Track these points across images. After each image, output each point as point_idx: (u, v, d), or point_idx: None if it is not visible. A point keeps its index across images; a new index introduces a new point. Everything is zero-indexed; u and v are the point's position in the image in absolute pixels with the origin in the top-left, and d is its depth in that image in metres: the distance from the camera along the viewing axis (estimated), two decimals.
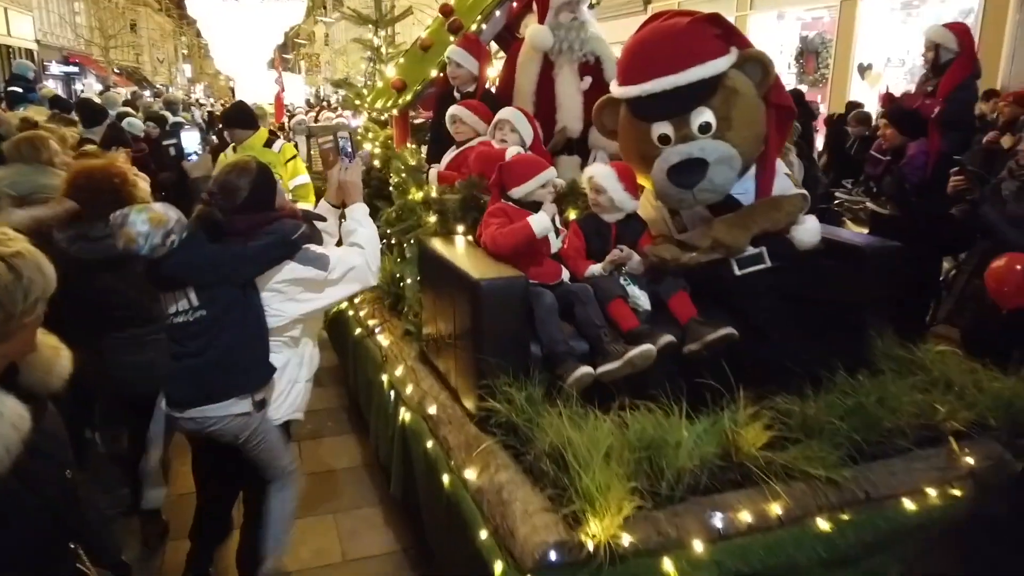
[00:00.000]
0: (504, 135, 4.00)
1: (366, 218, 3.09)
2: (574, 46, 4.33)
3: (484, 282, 2.91)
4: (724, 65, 3.23)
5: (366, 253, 2.94)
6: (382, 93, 5.34)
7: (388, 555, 3.66)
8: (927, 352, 3.36)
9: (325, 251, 2.85)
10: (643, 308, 3.28)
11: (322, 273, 2.80)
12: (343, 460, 4.57)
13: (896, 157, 5.43)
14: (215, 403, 2.75)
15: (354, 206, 3.10)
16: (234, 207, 2.76)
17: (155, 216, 2.66)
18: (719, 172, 3.20)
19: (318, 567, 3.56)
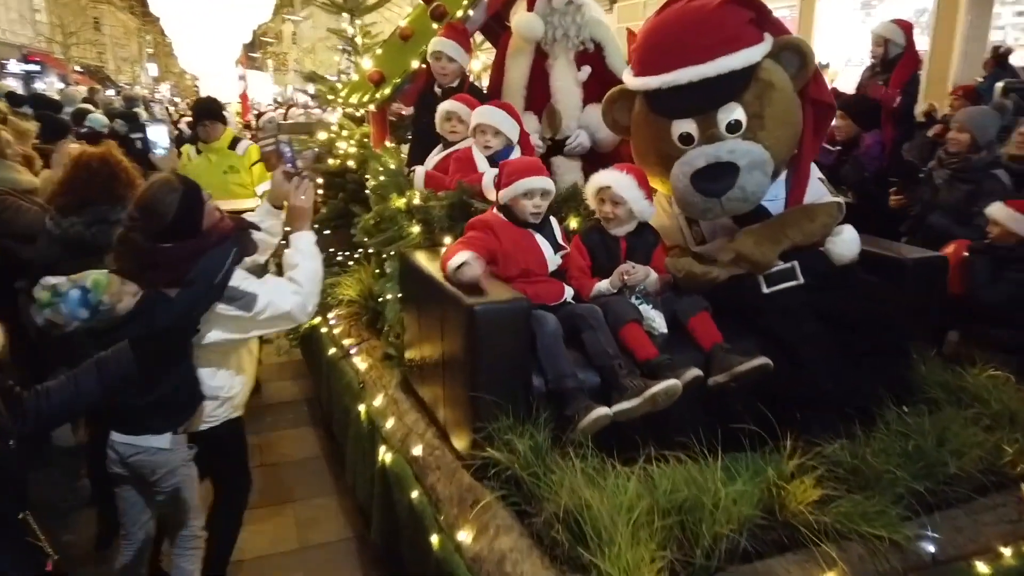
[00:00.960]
0: (487, 140, 3.55)
1: (311, 248, 2.79)
2: (569, 32, 3.88)
3: (479, 307, 2.48)
4: (758, 55, 2.83)
5: (303, 292, 2.69)
6: (358, 87, 4.86)
7: (343, 542, 3.71)
8: (976, 377, 2.97)
9: (255, 288, 2.60)
10: (659, 332, 2.86)
11: (246, 314, 2.58)
12: (301, 451, 4.63)
13: (847, 148, 5.53)
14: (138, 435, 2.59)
15: (299, 235, 2.81)
16: (157, 232, 2.48)
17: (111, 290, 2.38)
18: (751, 179, 2.79)
19: (275, 554, 3.60)
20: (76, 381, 2.06)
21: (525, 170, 2.98)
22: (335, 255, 4.93)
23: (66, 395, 2.03)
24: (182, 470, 2.67)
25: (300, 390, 5.50)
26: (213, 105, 5.56)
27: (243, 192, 5.24)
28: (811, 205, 3.04)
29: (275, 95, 29.72)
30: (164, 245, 2.48)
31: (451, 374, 2.75)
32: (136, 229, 2.49)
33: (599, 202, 3.01)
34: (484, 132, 3.56)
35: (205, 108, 5.43)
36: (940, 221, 4.50)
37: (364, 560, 3.53)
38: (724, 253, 2.98)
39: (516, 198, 2.98)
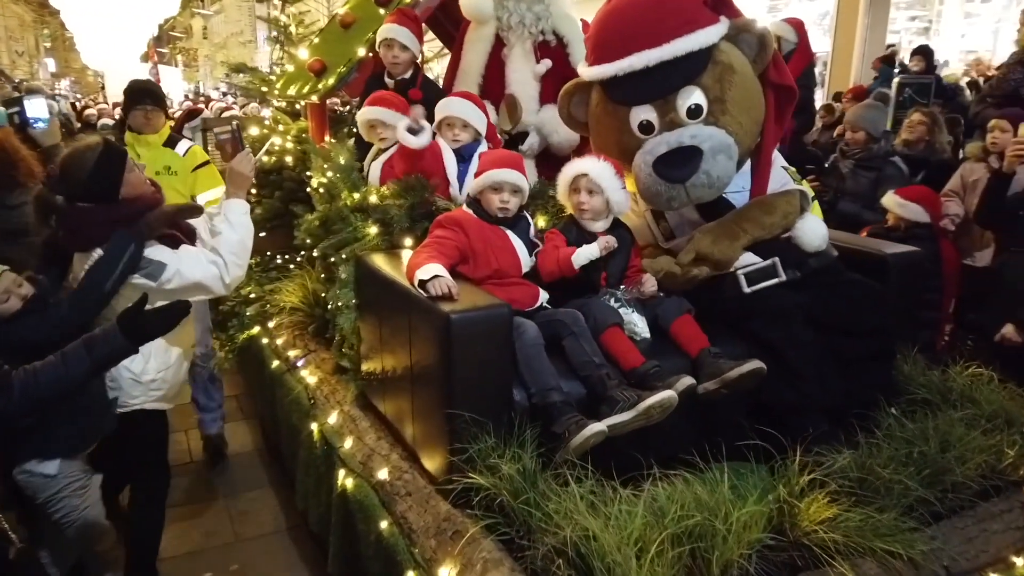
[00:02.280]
0: (456, 134, 3.30)
1: (239, 218, 2.75)
2: (525, 20, 3.65)
3: (456, 315, 2.23)
4: (715, 36, 2.70)
5: (220, 262, 2.66)
6: (295, 78, 4.52)
7: (277, 534, 3.69)
8: (960, 376, 2.90)
9: (165, 257, 2.56)
10: (641, 336, 2.67)
11: (151, 283, 2.52)
12: (235, 445, 4.55)
13: None
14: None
15: (231, 201, 2.77)
16: (73, 190, 2.51)
17: None
18: (716, 163, 2.66)
19: (210, 548, 3.55)
20: (65, 360, 2.10)
21: (497, 162, 2.78)
22: (273, 259, 4.59)
23: (56, 373, 2.08)
24: (69, 500, 2.53)
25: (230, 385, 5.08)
26: (154, 88, 4.36)
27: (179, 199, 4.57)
28: (769, 196, 2.92)
29: (186, 91, 28.43)
30: (81, 205, 2.49)
31: (422, 389, 2.50)
32: (53, 188, 2.51)
33: (573, 192, 2.80)
34: (452, 126, 3.30)
35: (143, 90, 4.11)
36: (849, 207, 4.67)
37: (302, 552, 3.50)
38: (684, 253, 2.83)
39: (484, 191, 2.75)
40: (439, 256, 2.56)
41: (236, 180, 2.78)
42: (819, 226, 2.84)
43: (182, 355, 2.89)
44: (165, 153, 4.08)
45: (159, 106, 4.11)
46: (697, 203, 2.78)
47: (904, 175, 4.69)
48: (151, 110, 4.03)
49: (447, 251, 2.63)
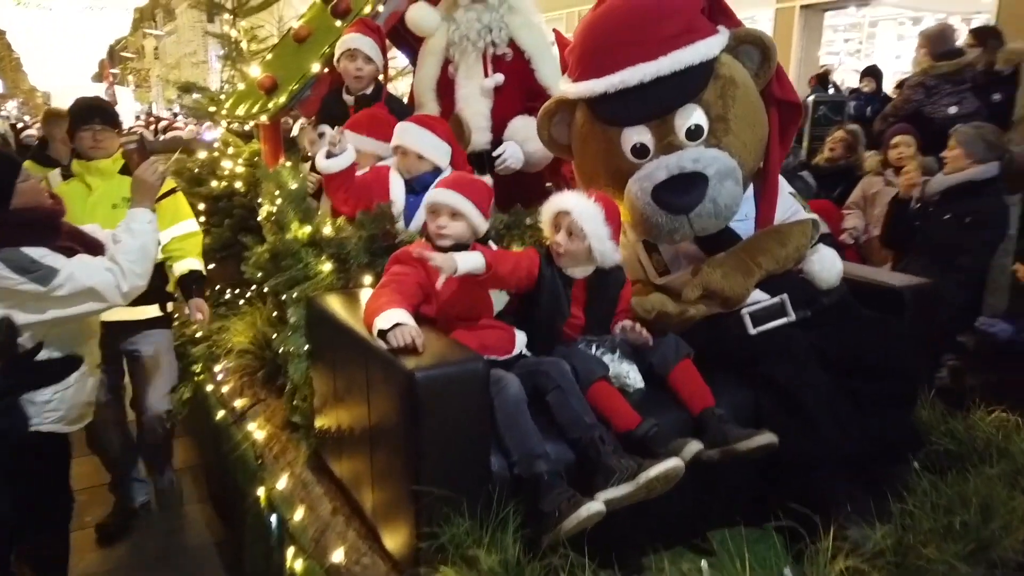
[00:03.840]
0: (409, 164, 2.96)
1: (142, 226, 2.64)
2: (470, 34, 3.31)
3: (421, 373, 1.87)
4: (716, 48, 2.42)
5: (117, 270, 2.54)
6: (246, 96, 4.17)
7: (204, 547, 3.60)
8: (983, 421, 2.61)
9: (58, 263, 2.42)
10: (634, 387, 2.33)
11: (41, 288, 2.37)
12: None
13: None
14: None
15: (136, 210, 2.67)
16: None
17: None
18: (723, 190, 2.36)
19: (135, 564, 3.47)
20: None
21: (442, 183, 2.46)
22: (221, 292, 4.20)
23: None
24: None
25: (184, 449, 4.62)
26: (103, 104, 3.60)
27: None
28: (782, 226, 2.63)
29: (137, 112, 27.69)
30: None
31: (383, 454, 2.13)
32: None
33: (553, 228, 2.45)
34: (405, 154, 2.95)
35: (91, 107, 3.43)
36: None
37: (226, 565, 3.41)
38: (690, 289, 2.51)
39: (427, 216, 2.44)
40: (400, 298, 2.20)
41: (140, 189, 2.69)
42: (835, 260, 2.55)
43: (84, 374, 2.70)
44: (123, 183, 3.23)
45: (110, 125, 3.39)
46: (701, 234, 2.47)
47: (812, 189, 4.79)
48: (100, 130, 3.32)
49: (407, 290, 2.28)
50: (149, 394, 3.57)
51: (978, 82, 4.69)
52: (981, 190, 3.72)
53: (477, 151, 3.38)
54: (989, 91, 4.55)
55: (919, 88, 5.00)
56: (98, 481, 3.96)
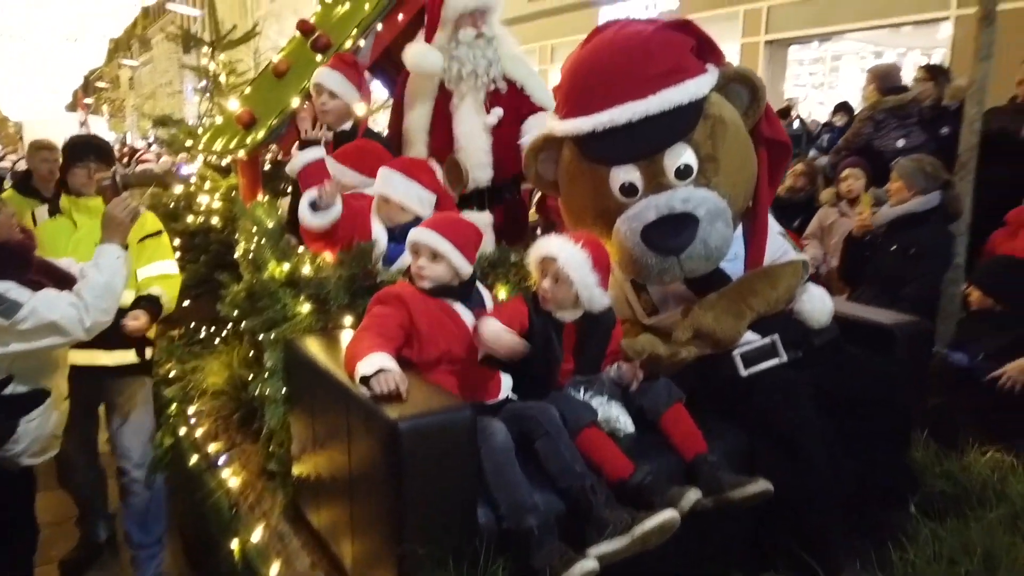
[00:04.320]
0: (390, 213, 2.86)
1: (110, 262, 2.62)
2: (479, 69, 3.30)
3: (405, 423, 1.79)
4: (706, 87, 2.40)
5: (81, 305, 2.52)
6: (223, 131, 4.09)
7: None
8: (977, 462, 2.57)
9: (22, 297, 2.41)
10: (624, 432, 2.26)
11: (4, 322, 2.38)
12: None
13: None
14: None
15: (103, 246, 2.65)
16: None
17: None
18: (714, 231, 2.33)
19: None
20: None
21: (426, 223, 2.39)
22: (196, 331, 4.08)
23: None
24: None
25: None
26: (100, 142, 3.64)
27: None
28: (773, 268, 2.60)
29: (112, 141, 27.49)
30: None
31: (364, 507, 2.04)
32: None
33: (539, 274, 2.38)
34: (387, 202, 2.85)
35: (87, 144, 3.47)
36: None
37: None
38: (681, 330, 2.46)
39: (410, 256, 2.37)
40: (382, 341, 2.12)
41: (110, 225, 2.67)
42: (826, 298, 2.51)
43: (49, 407, 2.69)
44: None
45: (105, 163, 3.35)
46: (690, 276, 2.42)
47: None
48: (95, 168, 3.26)
49: (389, 332, 2.20)
50: (124, 446, 3.43)
51: (924, 116, 4.81)
52: (923, 221, 3.79)
53: (479, 188, 3.33)
54: (937, 125, 4.65)
55: (868, 122, 5.12)
56: (67, 515, 3.82)
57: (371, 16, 3.53)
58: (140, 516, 3.51)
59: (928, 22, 8.70)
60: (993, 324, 3.29)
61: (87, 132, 7.94)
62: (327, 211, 2.72)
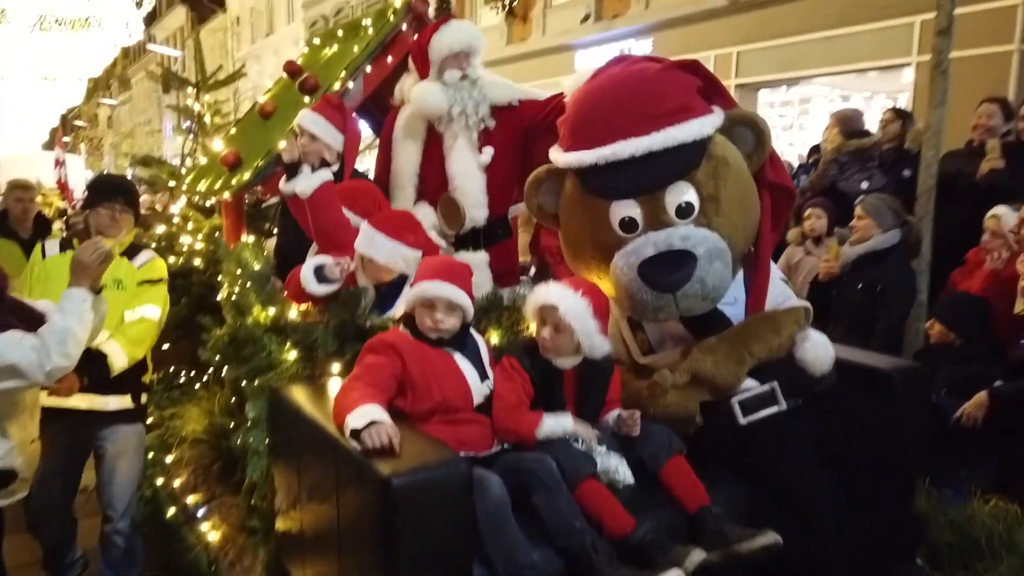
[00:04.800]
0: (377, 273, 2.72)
1: (75, 307, 2.50)
2: (467, 109, 3.27)
3: (399, 479, 1.71)
4: (710, 127, 2.39)
5: (42, 348, 2.42)
6: (207, 171, 4.03)
7: None
8: (980, 511, 2.52)
9: None
10: (623, 483, 2.18)
11: None
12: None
13: None
14: None
15: (69, 290, 2.54)
16: None
17: None
18: (712, 270, 2.30)
19: None
20: None
21: (430, 272, 2.30)
22: (176, 375, 3.96)
23: None
24: None
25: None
26: (127, 185, 3.47)
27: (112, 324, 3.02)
28: (775, 313, 2.55)
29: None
30: None
31: (353, 567, 1.94)
32: None
33: (539, 322, 2.33)
34: (371, 262, 2.70)
35: (115, 186, 3.31)
36: None
37: None
38: (679, 373, 2.41)
39: (416, 308, 2.28)
40: (373, 392, 2.05)
41: (77, 269, 2.55)
42: (827, 346, 2.47)
43: (15, 449, 2.59)
44: (120, 264, 3.11)
45: (131, 207, 3.21)
46: (686, 315, 2.39)
47: None
48: (121, 209, 3.13)
49: (382, 383, 2.13)
50: (111, 496, 3.27)
51: (885, 159, 4.90)
52: (886, 258, 3.81)
53: (474, 228, 3.28)
54: (899, 168, 4.72)
55: (833, 164, 5.19)
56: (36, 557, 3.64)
57: (360, 58, 3.52)
58: (118, 564, 3.37)
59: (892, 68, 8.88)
60: (949, 358, 3.32)
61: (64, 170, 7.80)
62: (332, 283, 2.60)
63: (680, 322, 2.49)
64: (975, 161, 4.05)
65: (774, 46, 10.20)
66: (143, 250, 3.33)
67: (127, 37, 11.90)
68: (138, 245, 3.35)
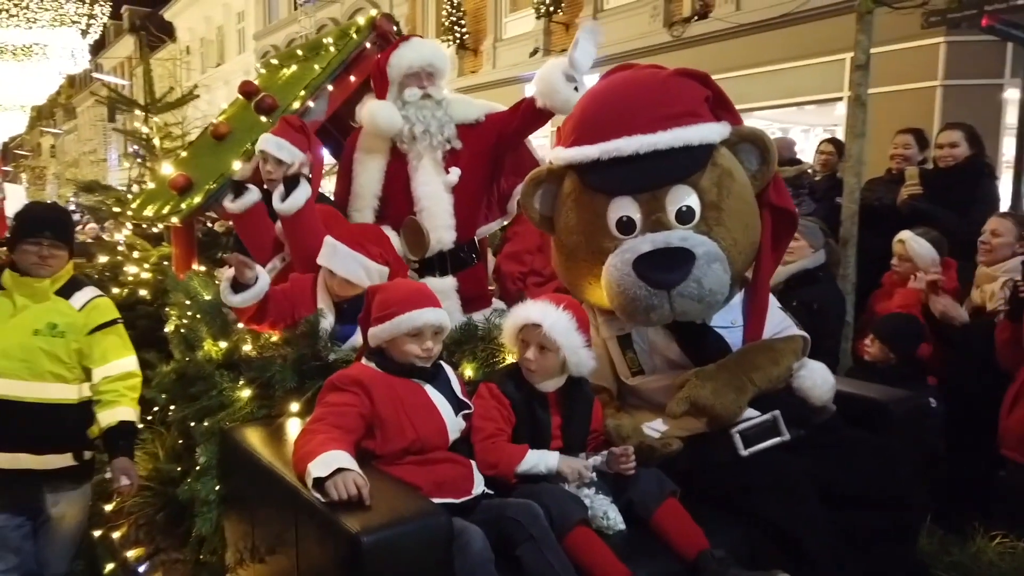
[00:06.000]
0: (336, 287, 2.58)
1: None
2: (431, 128, 3.10)
3: (369, 537, 1.49)
4: (717, 135, 2.32)
5: None
6: (156, 196, 3.78)
7: None
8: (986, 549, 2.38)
9: None
10: (614, 529, 2.00)
11: None
12: None
13: None
14: None
15: None
16: None
17: None
18: (711, 272, 2.20)
19: None
20: None
21: (408, 299, 2.10)
22: None
23: None
24: None
25: None
26: (61, 215, 2.91)
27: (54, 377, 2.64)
28: (775, 342, 2.42)
29: None
30: None
31: None
32: None
33: (520, 344, 2.16)
34: (333, 276, 2.56)
35: (43, 218, 2.76)
36: None
37: None
38: (675, 403, 2.24)
39: (397, 339, 2.07)
40: (339, 435, 1.84)
41: None
42: (827, 374, 2.35)
43: None
44: (55, 306, 2.67)
45: (62, 241, 2.66)
46: (680, 319, 2.25)
47: None
48: (49, 245, 2.61)
49: (348, 424, 1.92)
50: (46, 557, 2.91)
51: (816, 187, 4.99)
52: (818, 277, 3.80)
53: (441, 252, 3.09)
54: (832, 194, 4.77)
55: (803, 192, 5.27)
56: None
57: (321, 77, 3.33)
58: None
59: (827, 101, 9.18)
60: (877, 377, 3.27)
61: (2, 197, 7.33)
62: (249, 290, 2.37)
63: (676, 343, 2.34)
64: (895, 188, 4.17)
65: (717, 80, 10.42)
66: (82, 287, 2.80)
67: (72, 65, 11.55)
68: (79, 280, 2.86)
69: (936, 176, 3.97)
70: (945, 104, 7.51)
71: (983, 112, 6.71)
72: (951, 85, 7.60)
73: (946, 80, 7.63)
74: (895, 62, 7.25)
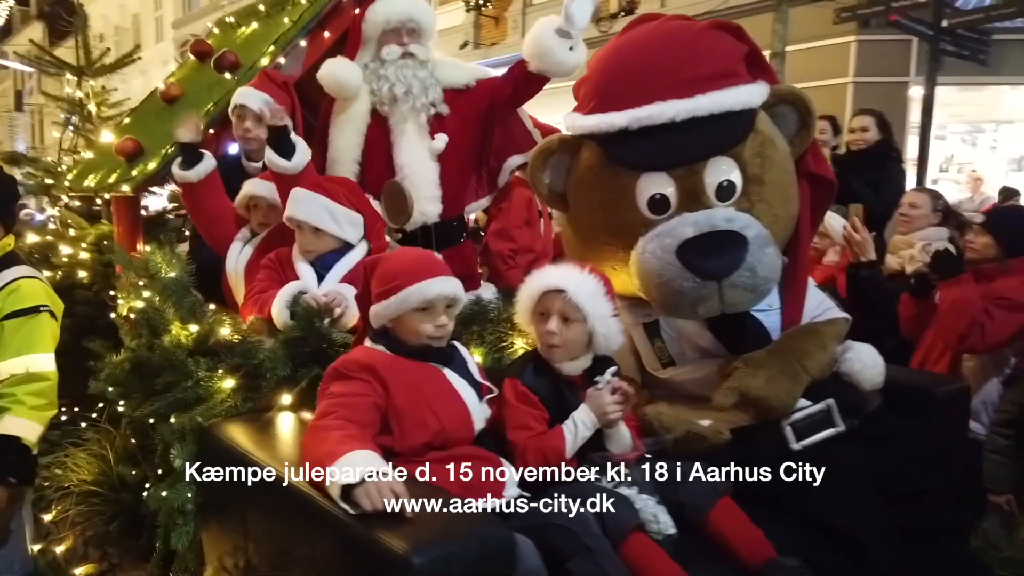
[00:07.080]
0: (306, 243, 2.31)
1: None
2: (413, 89, 2.78)
3: (420, 555, 1.20)
4: (758, 97, 2.07)
5: None
6: (96, 166, 3.35)
7: None
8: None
9: None
10: (665, 533, 1.75)
11: None
12: None
13: None
14: None
15: None
16: None
17: None
18: (764, 257, 1.96)
19: None
20: None
21: (414, 268, 1.81)
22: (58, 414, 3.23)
23: None
24: None
25: None
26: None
27: None
28: (818, 326, 2.21)
29: None
30: None
31: None
32: None
33: (538, 316, 1.90)
34: (300, 229, 2.30)
35: None
36: None
37: None
38: (723, 395, 2.01)
39: (405, 316, 1.78)
40: (357, 431, 1.55)
41: None
42: (875, 355, 2.14)
43: None
44: None
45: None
46: (729, 311, 2.00)
47: None
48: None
49: (363, 417, 1.63)
50: None
51: None
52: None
53: (425, 225, 2.78)
54: None
55: None
56: None
57: (293, 31, 2.97)
58: None
59: None
60: None
61: None
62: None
63: (710, 330, 2.10)
64: None
65: None
66: (12, 265, 2.35)
67: None
68: (13, 258, 2.40)
69: (849, 158, 4.14)
70: (856, 100, 7.95)
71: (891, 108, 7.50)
72: (861, 82, 8.11)
73: (857, 77, 8.14)
74: (810, 59, 7.64)
